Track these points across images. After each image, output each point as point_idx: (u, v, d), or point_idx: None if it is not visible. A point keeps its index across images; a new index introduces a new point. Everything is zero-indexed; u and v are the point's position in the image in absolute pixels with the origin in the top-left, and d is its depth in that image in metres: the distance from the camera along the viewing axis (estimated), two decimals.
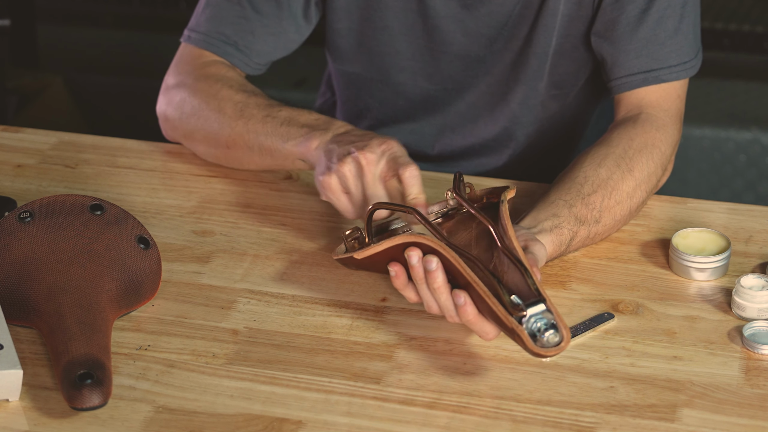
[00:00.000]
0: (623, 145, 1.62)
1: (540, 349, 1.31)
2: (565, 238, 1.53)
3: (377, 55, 1.83)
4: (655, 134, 1.64)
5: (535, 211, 1.53)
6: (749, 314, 1.46)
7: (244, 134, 1.66)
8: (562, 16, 1.74)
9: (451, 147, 1.89)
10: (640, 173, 1.60)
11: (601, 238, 1.58)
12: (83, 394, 1.31)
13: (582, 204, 1.55)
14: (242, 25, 1.76)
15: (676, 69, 1.69)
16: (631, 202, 1.59)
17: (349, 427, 1.32)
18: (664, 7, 1.67)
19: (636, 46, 1.68)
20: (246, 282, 1.54)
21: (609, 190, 1.57)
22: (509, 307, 1.33)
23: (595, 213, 1.55)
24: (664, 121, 1.67)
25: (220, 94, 1.70)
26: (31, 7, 3.12)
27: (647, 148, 1.62)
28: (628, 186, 1.59)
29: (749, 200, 2.69)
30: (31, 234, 1.49)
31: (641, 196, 1.60)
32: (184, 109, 1.72)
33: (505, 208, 1.45)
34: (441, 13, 1.77)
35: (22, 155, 1.80)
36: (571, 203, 1.54)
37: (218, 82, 1.71)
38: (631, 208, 1.60)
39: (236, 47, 1.77)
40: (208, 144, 1.72)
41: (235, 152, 1.69)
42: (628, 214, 1.60)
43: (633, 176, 1.59)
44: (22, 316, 1.44)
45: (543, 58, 1.77)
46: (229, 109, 1.68)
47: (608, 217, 1.57)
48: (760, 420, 1.32)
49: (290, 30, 1.79)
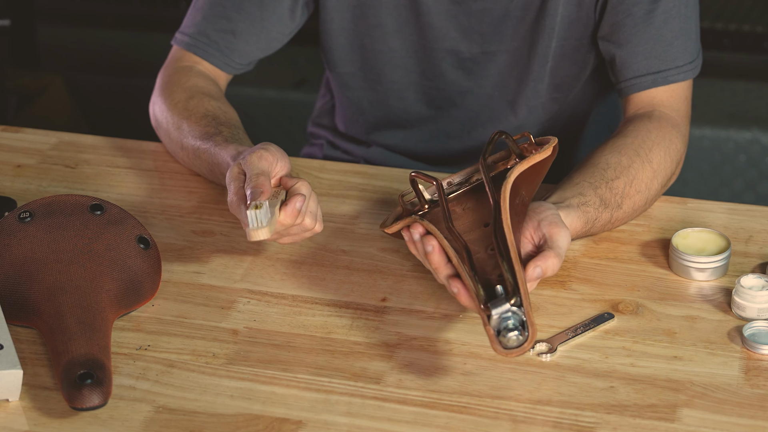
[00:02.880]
0: (642, 137, 1.63)
1: (500, 348, 1.31)
2: (591, 216, 1.54)
3: (371, 53, 1.84)
4: (670, 130, 1.65)
5: (560, 190, 1.54)
6: (749, 314, 1.46)
7: (187, 160, 1.70)
8: (561, 18, 1.74)
9: (448, 150, 1.89)
10: (658, 164, 1.62)
11: (619, 224, 1.60)
12: (83, 394, 1.31)
13: (606, 187, 1.56)
14: (223, 26, 1.77)
15: (684, 69, 1.69)
16: (648, 193, 1.60)
17: (349, 427, 1.32)
18: (669, 8, 1.67)
19: (644, 47, 1.68)
20: (246, 282, 1.54)
21: (630, 178, 1.58)
22: (481, 303, 1.33)
23: (618, 198, 1.56)
24: (677, 120, 1.68)
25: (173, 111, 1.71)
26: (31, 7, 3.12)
27: (664, 141, 1.63)
28: (647, 176, 1.60)
29: (749, 200, 2.69)
30: (31, 234, 1.49)
31: (657, 188, 1.62)
32: (155, 123, 1.77)
33: (508, 187, 1.43)
34: (433, 9, 1.77)
35: (22, 155, 1.80)
36: (596, 185, 1.55)
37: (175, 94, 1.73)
38: (648, 199, 1.61)
39: (217, 48, 1.78)
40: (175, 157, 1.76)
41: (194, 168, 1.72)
42: (644, 204, 1.61)
43: (652, 167, 1.61)
44: (22, 316, 1.44)
45: (544, 61, 1.77)
46: (173, 132, 1.71)
47: (628, 204, 1.58)
48: (760, 420, 1.32)
49: (273, 30, 1.79)
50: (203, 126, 1.65)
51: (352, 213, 1.66)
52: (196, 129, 1.66)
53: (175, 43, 1.81)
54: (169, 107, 1.71)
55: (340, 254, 1.58)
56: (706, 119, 2.71)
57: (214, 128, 1.64)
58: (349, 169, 1.77)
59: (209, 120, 1.66)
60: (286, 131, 2.90)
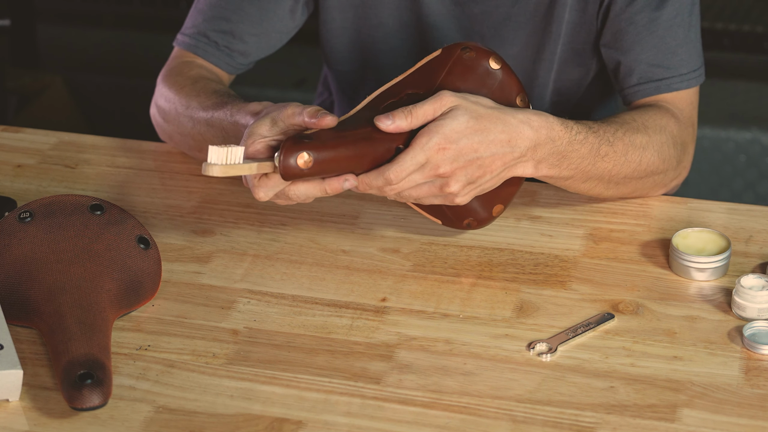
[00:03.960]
0: (640, 112, 1.63)
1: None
2: (571, 128, 1.51)
3: (372, 53, 1.84)
4: (671, 117, 1.65)
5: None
6: (749, 314, 1.46)
7: (196, 135, 1.67)
8: (566, 23, 1.74)
9: None
10: (654, 134, 1.60)
11: (606, 171, 1.57)
12: (83, 394, 1.31)
13: (599, 125, 1.55)
14: (223, 26, 1.77)
15: (687, 77, 1.69)
16: (642, 154, 1.59)
17: (349, 427, 1.32)
18: (673, 16, 1.67)
19: (647, 55, 1.68)
20: (246, 282, 1.54)
21: (625, 130, 1.58)
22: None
23: (609, 136, 1.55)
24: (679, 116, 1.67)
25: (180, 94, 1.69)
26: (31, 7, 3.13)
27: (662, 120, 1.63)
28: (642, 139, 1.59)
29: (749, 200, 2.69)
30: (31, 234, 1.49)
31: (652, 158, 1.60)
32: (160, 116, 1.75)
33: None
34: (435, 10, 1.77)
35: (22, 155, 1.80)
36: (589, 124, 1.55)
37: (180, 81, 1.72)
38: (641, 162, 1.59)
39: (217, 47, 1.77)
40: (184, 148, 1.73)
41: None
42: (637, 166, 1.59)
43: (647, 133, 1.60)
44: (22, 316, 1.44)
45: (549, 66, 1.77)
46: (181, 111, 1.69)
47: (621, 147, 1.56)
48: (760, 420, 1.32)
49: (273, 30, 1.79)
50: (215, 98, 1.64)
51: (352, 213, 1.66)
52: (206, 102, 1.64)
53: (176, 44, 1.81)
54: (176, 92, 1.70)
55: (340, 254, 1.58)
56: (706, 119, 2.71)
57: (229, 98, 1.63)
58: None
59: (221, 94, 1.65)
60: None
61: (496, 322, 1.46)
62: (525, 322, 1.46)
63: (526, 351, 1.42)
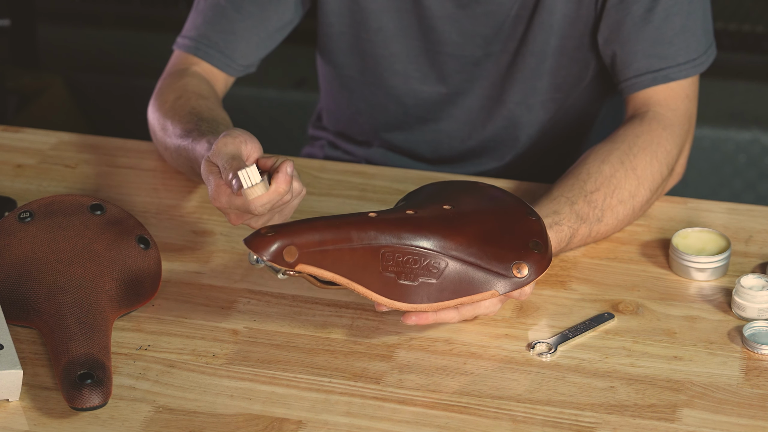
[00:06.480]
0: (628, 142, 1.62)
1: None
2: (565, 235, 1.52)
3: (371, 57, 1.83)
4: (661, 132, 1.64)
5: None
6: (749, 314, 1.46)
7: (171, 161, 1.67)
8: (562, 16, 1.74)
9: (449, 151, 1.88)
10: (643, 171, 1.60)
11: (603, 236, 1.58)
12: (83, 394, 1.31)
13: (584, 201, 1.55)
14: (223, 26, 1.76)
15: (685, 66, 1.69)
16: (634, 202, 1.59)
17: (349, 427, 1.32)
18: (671, 5, 1.67)
19: (643, 46, 1.68)
20: (246, 282, 1.54)
21: (612, 188, 1.57)
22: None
23: (597, 212, 1.55)
24: (671, 120, 1.67)
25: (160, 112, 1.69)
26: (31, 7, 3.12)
27: (652, 146, 1.62)
28: (630, 185, 1.58)
29: (749, 200, 2.69)
30: (31, 234, 1.49)
31: (644, 195, 1.60)
32: (150, 128, 1.74)
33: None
34: (436, 13, 1.77)
35: (22, 155, 1.80)
36: (573, 200, 1.54)
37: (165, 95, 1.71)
38: (635, 208, 1.59)
39: (217, 48, 1.77)
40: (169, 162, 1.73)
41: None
42: (632, 214, 1.60)
43: (636, 174, 1.59)
44: (22, 316, 1.44)
45: (541, 57, 1.77)
46: (159, 133, 1.68)
47: (610, 216, 1.57)
48: (760, 420, 1.32)
49: (273, 28, 1.79)
50: (184, 123, 1.62)
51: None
52: (177, 127, 1.62)
53: (176, 47, 1.80)
54: (158, 109, 1.69)
55: None
56: (706, 119, 2.70)
57: (194, 124, 1.60)
58: (349, 169, 1.77)
59: (191, 117, 1.62)
60: (286, 131, 2.89)
61: (496, 322, 1.46)
62: (525, 322, 1.46)
63: (526, 351, 1.42)
